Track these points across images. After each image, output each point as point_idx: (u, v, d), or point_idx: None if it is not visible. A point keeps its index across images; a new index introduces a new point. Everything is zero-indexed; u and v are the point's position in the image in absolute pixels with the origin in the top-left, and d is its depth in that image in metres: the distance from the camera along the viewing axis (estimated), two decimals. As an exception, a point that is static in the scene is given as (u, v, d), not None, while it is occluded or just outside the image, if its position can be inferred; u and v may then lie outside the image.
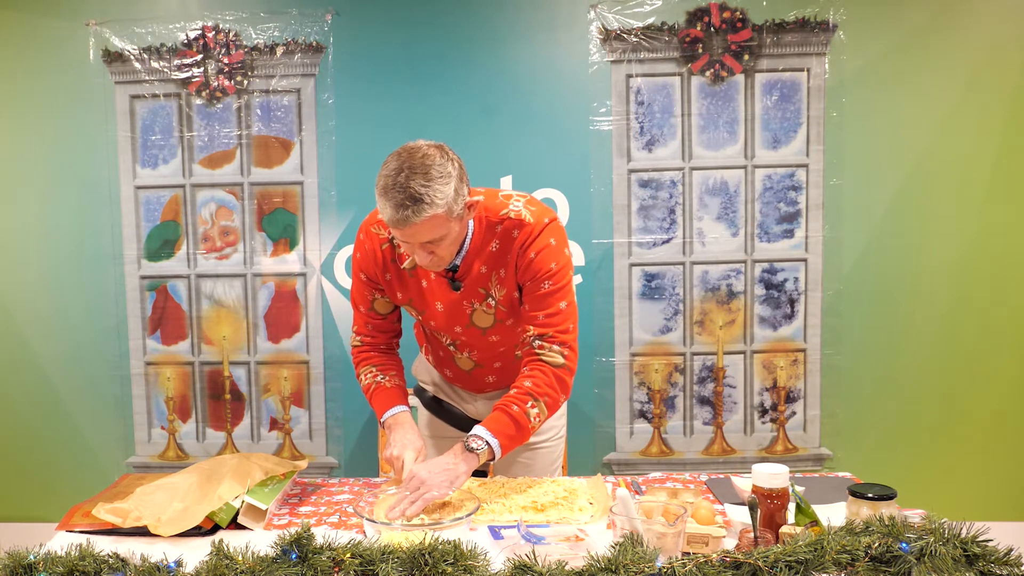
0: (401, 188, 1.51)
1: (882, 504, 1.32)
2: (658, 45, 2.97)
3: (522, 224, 1.71)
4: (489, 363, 1.89)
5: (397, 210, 1.51)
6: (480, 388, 1.98)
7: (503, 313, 1.78)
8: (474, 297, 1.75)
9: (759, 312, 3.06)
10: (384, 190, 1.53)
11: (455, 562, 1.06)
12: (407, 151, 1.56)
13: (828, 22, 2.93)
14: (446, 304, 1.77)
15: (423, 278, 1.77)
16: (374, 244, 1.78)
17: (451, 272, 1.73)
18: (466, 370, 1.92)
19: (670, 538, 1.23)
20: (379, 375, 1.86)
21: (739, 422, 3.11)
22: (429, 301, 1.78)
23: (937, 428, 3.06)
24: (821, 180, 2.99)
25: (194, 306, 3.14)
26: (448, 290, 1.76)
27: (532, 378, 1.69)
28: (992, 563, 1.03)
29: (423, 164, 1.53)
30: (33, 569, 1.09)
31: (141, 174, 3.10)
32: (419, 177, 1.52)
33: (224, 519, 1.51)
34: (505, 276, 1.73)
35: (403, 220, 1.52)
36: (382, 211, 1.54)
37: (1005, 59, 2.92)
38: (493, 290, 1.75)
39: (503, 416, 1.66)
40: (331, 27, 3.00)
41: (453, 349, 1.88)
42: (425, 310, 1.80)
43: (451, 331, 1.83)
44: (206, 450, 3.19)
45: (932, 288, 3.02)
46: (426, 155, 1.55)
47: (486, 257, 1.72)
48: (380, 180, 1.54)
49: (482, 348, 1.85)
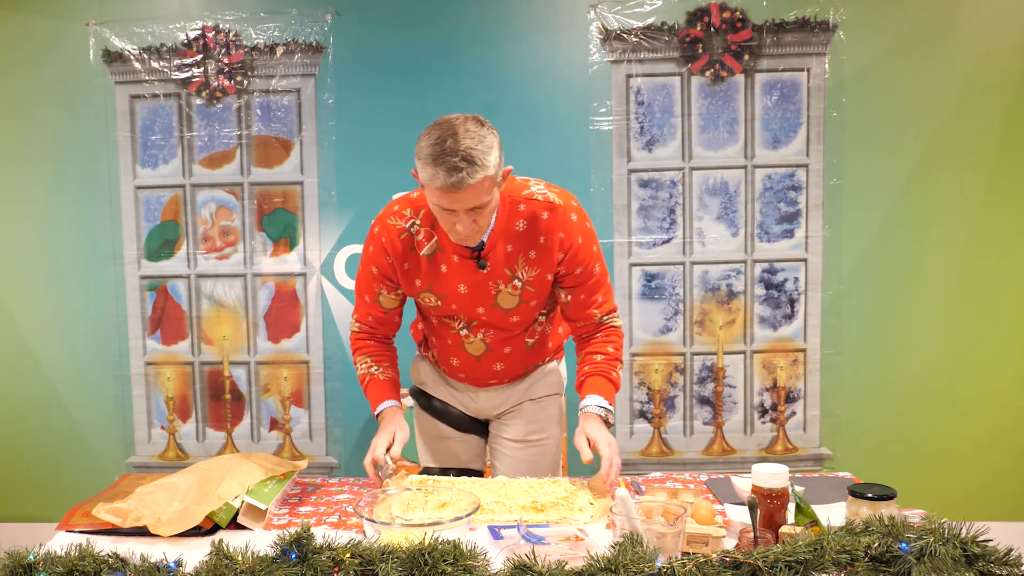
0: (452, 152, 1.51)
1: (882, 504, 1.32)
2: (658, 45, 2.97)
3: (552, 207, 1.74)
4: (500, 347, 1.88)
5: (451, 173, 1.51)
6: (485, 378, 1.96)
7: (529, 294, 1.78)
8: (500, 278, 1.75)
9: (759, 312, 3.06)
10: (433, 157, 1.53)
11: (455, 562, 1.06)
12: (446, 121, 1.57)
13: (828, 22, 2.93)
14: (470, 285, 1.76)
15: (443, 263, 1.75)
16: (392, 236, 1.76)
17: (475, 252, 1.72)
18: (476, 355, 1.90)
19: (670, 538, 1.23)
20: (374, 366, 1.88)
21: (739, 422, 3.11)
22: (451, 284, 1.77)
23: (937, 428, 3.06)
24: (821, 180, 2.99)
25: (194, 306, 3.14)
26: (473, 270, 1.74)
27: (613, 343, 1.84)
28: (992, 563, 1.03)
29: (468, 129, 1.55)
30: (33, 569, 1.09)
31: (141, 174, 3.10)
32: (469, 140, 1.53)
33: (224, 519, 1.51)
34: (536, 258, 1.74)
35: (457, 184, 1.52)
36: (431, 179, 1.53)
37: (1005, 59, 2.92)
38: (520, 271, 1.75)
39: (608, 384, 1.80)
40: (331, 27, 3.00)
41: (466, 332, 1.86)
42: (445, 295, 1.79)
43: (472, 313, 1.81)
44: (206, 450, 3.19)
45: (932, 288, 3.02)
46: (467, 120, 1.58)
47: (512, 236, 1.73)
48: (425, 149, 1.54)
49: (500, 329, 1.84)
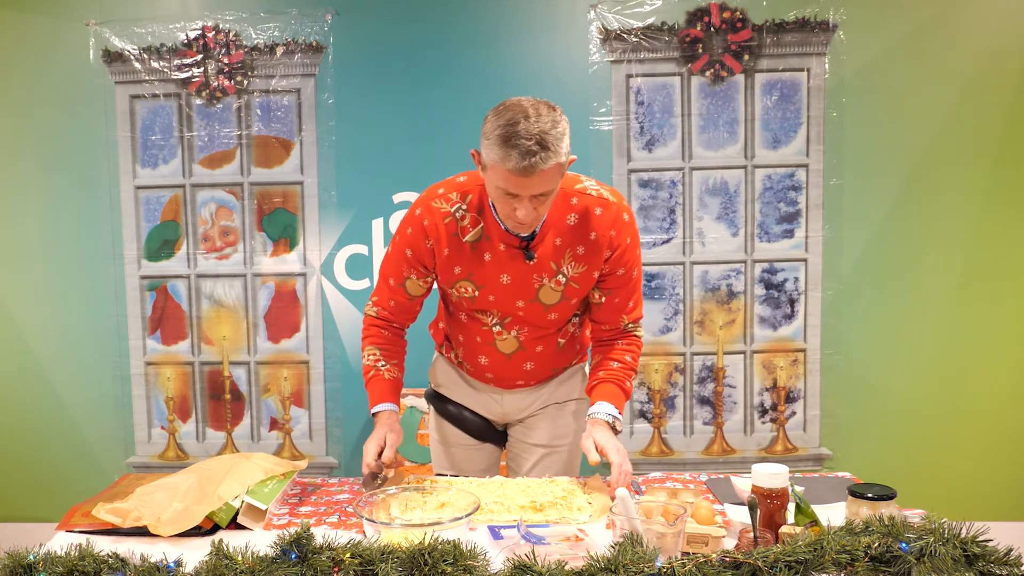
0: (527, 135, 1.46)
1: (882, 504, 1.32)
2: (658, 45, 2.97)
3: (606, 203, 1.69)
4: (532, 346, 1.83)
5: (525, 157, 1.46)
6: (513, 378, 1.90)
7: (572, 291, 1.74)
8: (545, 271, 1.71)
9: (759, 312, 3.06)
10: (506, 139, 1.47)
11: (455, 562, 1.06)
12: (516, 103, 1.52)
13: (828, 22, 2.93)
14: (514, 276, 1.71)
15: (486, 251, 1.71)
16: (435, 218, 1.72)
17: (525, 242, 1.68)
18: (507, 353, 1.84)
19: (670, 538, 1.22)
20: (381, 360, 1.84)
21: (739, 422, 3.11)
22: (493, 274, 1.72)
23: (937, 428, 3.06)
24: (821, 180, 2.99)
25: (194, 306, 3.14)
26: (520, 261, 1.70)
27: (631, 352, 1.82)
28: (992, 563, 1.03)
29: (541, 113, 1.50)
30: (33, 569, 1.09)
31: (141, 174, 3.10)
32: (543, 123, 1.48)
33: (224, 519, 1.51)
34: (584, 254, 1.70)
35: (530, 168, 1.47)
36: (502, 160, 1.49)
37: (1005, 59, 2.92)
38: (566, 266, 1.71)
39: (620, 393, 1.77)
40: (331, 27, 3.01)
41: (499, 329, 1.80)
42: (484, 285, 1.73)
43: (510, 306, 1.76)
44: (206, 450, 3.19)
45: (932, 288, 3.02)
46: (538, 103, 1.52)
47: (562, 230, 1.69)
48: (497, 131, 1.49)
49: (535, 326, 1.80)
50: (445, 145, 3.02)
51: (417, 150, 3.04)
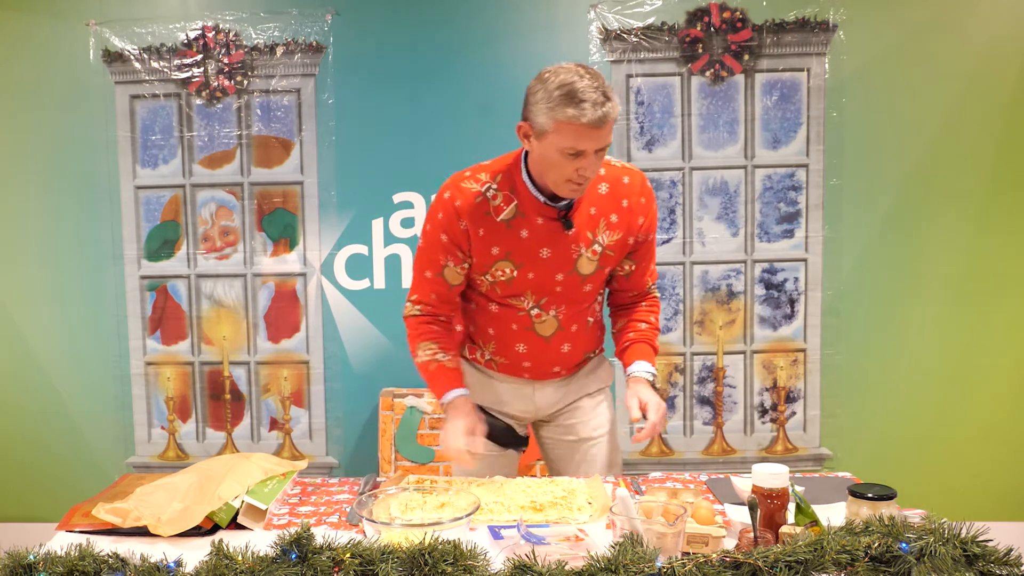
0: (592, 88, 1.50)
1: (882, 504, 1.32)
2: (658, 45, 2.97)
3: (631, 172, 1.78)
4: (569, 325, 1.83)
5: (596, 107, 1.50)
6: (551, 364, 1.88)
7: (607, 259, 1.77)
8: (582, 241, 1.73)
9: (759, 312, 3.06)
10: (571, 94, 1.51)
11: (455, 562, 1.06)
12: (560, 68, 1.56)
13: (828, 22, 2.93)
14: (554, 249, 1.72)
15: (522, 228, 1.71)
16: (467, 199, 1.71)
17: (562, 212, 1.70)
18: (546, 336, 1.83)
19: (670, 538, 1.22)
20: (439, 352, 1.80)
21: (739, 422, 3.11)
22: (532, 249, 1.72)
23: (937, 428, 3.06)
24: (821, 180, 2.99)
25: (194, 306, 3.14)
26: (558, 233, 1.71)
27: (654, 312, 1.92)
28: (992, 563, 1.03)
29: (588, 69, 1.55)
30: (33, 569, 1.09)
31: (141, 174, 3.10)
32: (598, 78, 1.53)
33: (224, 519, 1.51)
34: (617, 222, 1.74)
35: (603, 118, 1.52)
36: (576, 116, 1.51)
37: (1005, 59, 2.92)
38: (600, 235, 1.73)
39: (652, 351, 1.86)
40: (331, 27, 3.00)
41: (538, 311, 1.79)
42: (524, 262, 1.73)
43: (548, 281, 1.76)
44: (206, 450, 3.19)
45: (932, 288, 3.02)
46: (585, 65, 1.57)
47: (595, 199, 1.72)
48: (556, 92, 1.52)
49: (573, 302, 1.81)
50: (445, 145, 3.02)
51: (417, 150, 3.04)
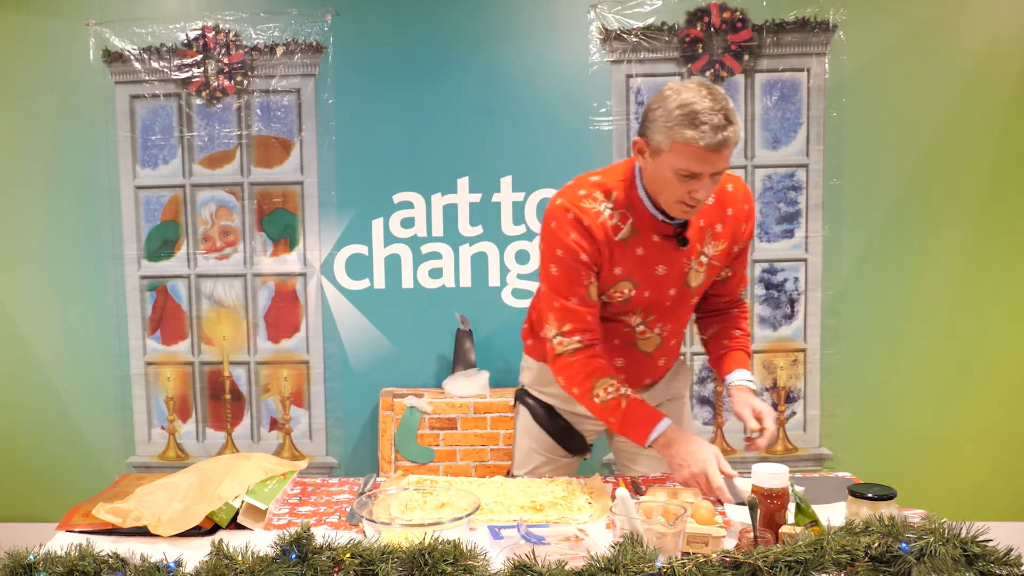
0: (713, 111, 1.47)
1: (882, 504, 1.32)
2: (658, 45, 2.97)
3: (735, 178, 1.75)
4: (669, 340, 1.83)
5: (717, 131, 1.47)
6: (644, 376, 1.86)
7: (713, 269, 1.76)
8: (692, 254, 1.71)
9: (759, 312, 3.06)
10: (694, 115, 1.47)
11: (455, 562, 1.06)
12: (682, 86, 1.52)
13: (828, 22, 2.93)
14: (668, 265, 1.70)
15: (638, 246, 1.67)
16: (592, 219, 1.65)
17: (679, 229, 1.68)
18: (648, 351, 1.81)
19: (670, 538, 1.22)
20: (622, 387, 1.66)
21: (739, 422, 3.10)
22: (649, 267, 1.69)
23: (937, 428, 3.06)
24: (821, 180, 2.99)
25: (194, 306, 3.14)
26: (672, 249, 1.69)
27: (745, 319, 1.90)
28: (992, 563, 1.03)
29: (713, 90, 1.51)
30: (33, 569, 1.09)
31: (141, 174, 3.10)
32: (723, 100, 1.50)
33: (224, 519, 1.51)
34: (722, 232, 1.73)
35: (723, 142, 1.48)
36: (695, 139, 1.47)
37: (1005, 59, 2.92)
38: (707, 247, 1.72)
39: (747, 359, 1.85)
40: (331, 27, 3.00)
41: (643, 329, 1.77)
42: (642, 280, 1.70)
43: (662, 296, 1.73)
44: (206, 450, 3.19)
45: (932, 288, 3.02)
46: (703, 83, 1.54)
47: (704, 211, 1.70)
48: (680, 111, 1.49)
49: (679, 315, 1.80)
50: (445, 145, 3.02)
51: (417, 150, 3.04)
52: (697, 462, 1.57)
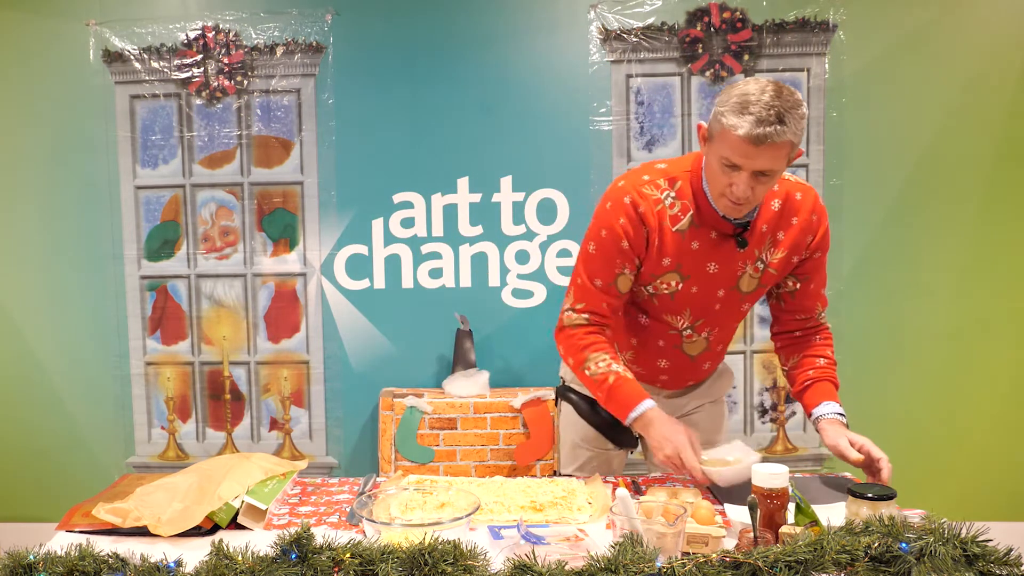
0: (767, 105, 1.45)
1: (882, 504, 1.32)
2: (658, 45, 2.97)
3: (805, 188, 1.72)
4: (716, 345, 1.82)
5: (758, 124, 1.44)
6: (687, 379, 1.87)
7: (769, 277, 1.73)
8: (748, 258, 1.69)
9: (759, 312, 3.06)
10: (744, 105, 1.46)
11: (455, 562, 1.06)
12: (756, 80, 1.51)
13: (828, 22, 2.93)
14: (721, 264, 1.68)
15: (694, 239, 1.66)
16: (649, 205, 1.64)
17: (740, 229, 1.66)
18: (692, 355, 1.81)
19: (670, 538, 1.22)
20: (613, 363, 1.69)
21: (739, 422, 3.11)
22: (701, 263, 1.68)
23: (937, 428, 3.06)
24: (821, 180, 2.99)
25: (194, 306, 3.14)
26: (729, 249, 1.67)
27: (830, 345, 1.85)
28: (992, 563, 1.03)
29: (782, 91, 1.48)
30: (33, 569, 1.09)
31: (141, 174, 3.10)
32: (785, 100, 1.46)
33: (224, 519, 1.51)
34: (784, 240, 1.70)
35: (761, 137, 1.45)
36: (734, 127, 1.46)
37: (1005, 59, 2.92)
38: (765, 253, 1.70)
39: (834, 389, 1.81)
40: (331, 27, 3.00)
41: (690, 332, 1.77)
42: (691, 275, 1.69)
43: (710, 297, 1.72)
44: (206, 450, 3.19)
45: (932, 288, 3.02)
46: (780, 85, 1.50)
47: (768, 216, 1.67)
48: (736, 97, 1.48)
49: (727, 320, 1.79)
50: (445, 145, 3.02)
51: (417, 150, 3.04)
52: (672, 445, 1.60)
